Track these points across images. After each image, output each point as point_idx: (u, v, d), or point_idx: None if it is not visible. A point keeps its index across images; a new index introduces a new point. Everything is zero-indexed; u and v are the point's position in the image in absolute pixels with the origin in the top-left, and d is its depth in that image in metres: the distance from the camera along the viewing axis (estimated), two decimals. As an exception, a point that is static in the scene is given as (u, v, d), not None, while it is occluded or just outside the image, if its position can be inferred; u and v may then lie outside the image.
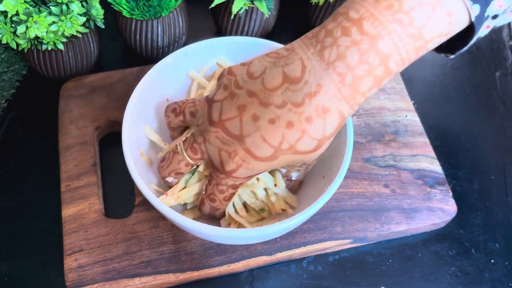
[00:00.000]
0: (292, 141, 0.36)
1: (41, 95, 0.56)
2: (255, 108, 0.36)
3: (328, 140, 0.37)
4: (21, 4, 0.46)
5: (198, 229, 0.38)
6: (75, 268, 0.43)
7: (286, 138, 0.35)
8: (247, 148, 0.36)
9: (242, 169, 0.38)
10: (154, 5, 0.52)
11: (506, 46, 0.65)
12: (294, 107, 0.35)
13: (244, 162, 0.37)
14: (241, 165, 0.37)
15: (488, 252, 0.48)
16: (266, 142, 0.36)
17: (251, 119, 0.36)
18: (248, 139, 0.36)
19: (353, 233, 0.46)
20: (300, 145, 0.36)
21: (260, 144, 0.36)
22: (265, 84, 0.36)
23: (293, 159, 0.37)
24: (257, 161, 0.37)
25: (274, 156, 0.36)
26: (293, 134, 0.35)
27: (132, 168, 0.40)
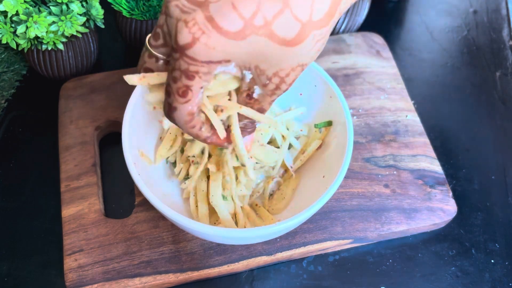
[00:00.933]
0: (269, 16, 0.29)
1: (41, 95, 0.56)
2: None
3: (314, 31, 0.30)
4: (21, 4, 0.46)
5: (197, 229, 0.38)
6: (75, 268, 0.43)
7: (262, 9, 0.29)
8: (210, 16, 0.29)
9: (199, 44, 0.29)
10: (154, 5, 0.52)
11: (506, 46, 0.65)
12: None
13: (204, 35, 0.29)
14: (199, 38, 0.29)
15: (488, 252, 0.48)
16: (236, 11, 0.28)
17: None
18: (214, 4, 0.29)
19: (353, 233, 0.46)
20: (278, 24, 0.29)
21: (228, 11, 0.29)
22: None
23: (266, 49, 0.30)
24: (220, 35, 0.29)
25: (242, 32, 0.29)
26: (271, 5, 0.29)
27: (132, 168, 0.40)
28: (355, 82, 0.56)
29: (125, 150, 0.41)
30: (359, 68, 0.57)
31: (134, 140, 0.43)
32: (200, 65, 0.30)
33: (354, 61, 0.58)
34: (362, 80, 0.56)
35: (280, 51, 0.30)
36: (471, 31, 0.66)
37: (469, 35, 0.66)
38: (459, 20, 0.67)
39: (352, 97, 0.55)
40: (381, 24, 0.65)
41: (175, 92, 0.32)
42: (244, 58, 0.31)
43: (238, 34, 0.29)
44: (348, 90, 0.55)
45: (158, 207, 0.39)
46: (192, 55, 0.30)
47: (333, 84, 0.46)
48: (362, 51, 0.59)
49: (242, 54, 0.30)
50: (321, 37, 0.31)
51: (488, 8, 0.69)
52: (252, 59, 0.31)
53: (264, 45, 0.30)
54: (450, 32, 0.66)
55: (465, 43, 0.65)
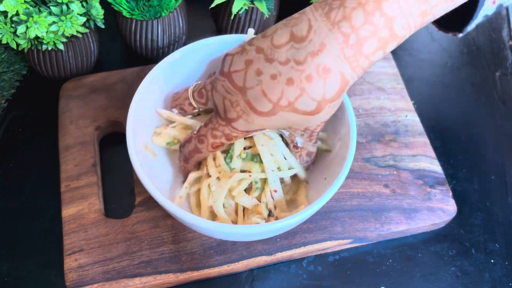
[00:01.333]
0: (291, 99, 0.36)
1: (41, 95, 0.56)
2: (260, 63, 0.37)
3: (330, 104, 0.37)
4: (21, 4, 0.46)
5: (197, 223, 0.38)
6: (75, 268, 0.43)
7: (285, 94, 0.36)
8: (247, 100, 0.38)
9: (241, 120, 0.39)
10: (154, 5, 0.52)
11: (506, 46, 0.65)
12: (296, 64, 0.35)
13: (244, 114, 0.38)
14: (241, 116, 0.38)
15: (488, 252, 0.48)
16: (266, 97, 0.37)
17: (255, 73, 0.37)
18: (250, 91, 0.37)
19: (353, 233, 0.46)
20: (298, 103, 0.36)
21: (260, 97, 0.37)
22: (273, 41, 0.37)
23: (294, 118, 0.38)
24: (256, 115, 0.38)
25: (272, 111, 0.37)
26: (292, 91, 0.36)
27: (134, 158, 0.40)
28: (355, 82, 0.56)
29: (129, 139, 0.41)
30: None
31: (138, 131, 0.43)
32: (239, 133, 0.40)
33: (354, 61, 0.58)
34: (362, 80, 0.56)
35: (304, 118, 0.38)
36: (471, 31, 0.66)
37: (469, 35, 0.66)
38: (459, 20, 0.67)
39: (352, 97, 0.55)
40: (381, 24, 0.65)
41: (210, 144, 0.42)
42: (277, 126, 0.40)
43: (269, 113, 0.37)
44: (348, 90, 0.55)
45: (156, 198, 0.39)
46: (236, 126, 0.39)
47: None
48: (362, 51, 0.59)
49: (273, 125, 0.39)
50: (335, 104, 0.38)
51: (488, 8, 0.69)
52: (283, 125, 0.40)
53: (291, 116, 0.38)
54: (450, 32, 0.66)
55: (465, 43, 0.65)
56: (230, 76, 0.39)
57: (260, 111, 0.37)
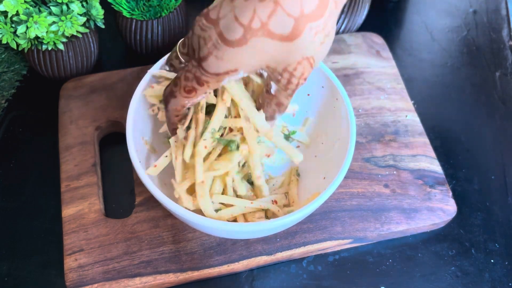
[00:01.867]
0: (264, 17, 0.32)
1: (41, 95, 0.56)
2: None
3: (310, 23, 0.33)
4: (21, 4, 0.46)
5: (198, 221, 0.38)
6: (75, 268, 0.43)
7: (257, 13, 0.32)
8: (220, 32, 0.34)
9: (211, 57, 0.35)
10: (154, 5, 0.52)
11: (506, 46, 0.65)
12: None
13: (215, 49, 0.34)
14: (212, 52, 0.35)
15: (488, 252, 0.48)
16: (237, 21, 0.33)
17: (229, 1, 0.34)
18: (222, 21, 0.34)
19: (353, 233, 0.46)
20: (273, 23, 0.32)
21: (231, 23, 0.33)
22: None
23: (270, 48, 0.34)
24: (228, 47, 0.34)
25: (244, 37, 0.33)
26: (265, 8, 0.32)
27: (134, 158, 0.40)
28: (355, 82, 0.56)
29: (128, 135, 0.42)
30: (359, 68, 0.57)
31: (138, 127, 0.44)
32: (210, 77, 0.36)
33: (354, 61, 0.58)
34: (362, 80, 0.56)
35: (282, 47, 0.33)
36: (471, 31, 0.66)
37: (469, 35, 0.66)
38: (459, 20, 0.67)
39: (352, 97, 0.55)
40: (381, 24, 0.65)
41: (182, 87, 0.38)
42: (252, 63, 0.35)
43: (240, 41, 0.33)
44: (348, 90, 0.55)
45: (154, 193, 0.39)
46: (205, 67, 0.35)
47: (340, 87, 0.46)
48: (362, 51, 0.59)
49: (248, 59, 0.34)
50: (319, 29, 0.33)
51: (488, 8, 0.69)
52: (259, 62, 0.35)
53: (266, 44, 0.33)
54: (450, 32, 0.66)
55: (465, 43, 0.65)
56: (207, 14, 0.35)
57: (230, 40, 0.33)
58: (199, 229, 0.43)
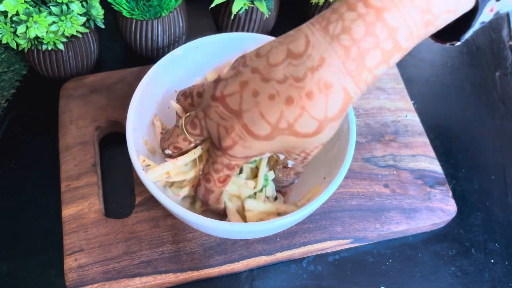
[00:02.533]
0: (291, 119, 0.34)
1: (41, 95, 0.56)
2: (257, 83, 0.35)
3: (331, 123, 0.35)
4: (21, 4, 0.46)
5: (198, 221, 0.38)
6: (75, 268, 0.43)
7: (284, 115, 0.34)
8: (244, 124, 0.35)
9: (238, 146, 0.36)
10: (154, 5, 0.52)
11: (506, 46, 0.65)
12: (295, 81, 0.33)
13: (241, 139, 0.36)
14: (237, 142, 0.36)
15: (488, 252, 0.48)
16: (264, 119, 0.35)
17: (251, 95, 0.35)
18: (246, 114, 0.35)
19: (353, 233, 0.46)
20: (299, 125, 0.34)
21: (258, 120, 0.35)
22: (269, 60, 0.35)
23: (292, 142, 0.36)
24: (254, 139, 0.36)
25: (271, 135, 0.35)
26: (292, 111, 0.34)
27: (134, 158, 0.41)
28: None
29: (128, 135, 0.42)
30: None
31: (138, 127, 0.44)
32: (239, 160, 0.38)
33: (354, 61, 0.58)
34: (362, 80, 0.56)
35: (304, 141, 0.36)
36: (471, 31, 0.66)
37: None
38: (459, 20, 0.67)
39: (352, 97, 0.55)
40: (381, 24, 0.65)
41: (216, 180, 0.39)
42: (275, 149, 0.37)
43: (268, 137, 0.35)
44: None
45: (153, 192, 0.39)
46: (233, 154, 0.37)
47: None
48: (362, 51, 0.59)
49: (271, 148, 0.37)
50: (336, 125, 0.36)
51: (488, 8, 0.69)
52: (281, 149, 0.37)
53: (290, 140, 0.36)
54: (450, 32, 0.66)
55: (465, 43, 0.65)
56: (223, 100, 0.36)
57: (257, 134, 0.35)
58: (199, 229, 0.43)
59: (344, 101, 0.34)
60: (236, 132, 0.36)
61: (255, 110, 0.35)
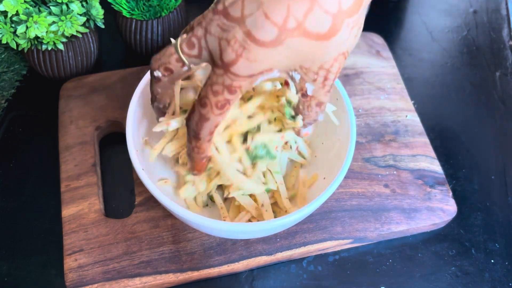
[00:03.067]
0: (300, 16, 0.30)
1: (41, 95, 0.56)
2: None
3: (347, 20, 0.31)
4: (21, 4, 0.46)
5: (198, 221, 0.38)
6: (75, 268, 0.43)
7: (292, 11, 0.30)
8: (247, 31, 0.31)
9: (242, 59, 0.32)
10: (154, 5, 0.52)
11: (506, 46, 0.65)
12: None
13: (245, 50, 0.31)
14: (241, 54, 0.32)
15: (488, 252, 0.48)
16: (269, 20, 0.30)
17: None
18: (249, 19, 0.31)
19: (353, 233, 0.46)
20: (310, 22, 0.30)
21: (262, 22, 0.31)
22: None
23: (306, 48, 0.32)
24: (259, 47, 0.31)
25: (278, 38, 0.31)
26: (300, 5, 0.30)
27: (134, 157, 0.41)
28: (355, 82, 0.56)
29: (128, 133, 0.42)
30: (359, 68, 0.57)
31: (138, 127, 0.44)
32: (242, 80, 0.33)
33: (354, 61, 0.58)
34: (362, 80, 0.57)
35: (318, 46, 0.31)
36: (471, 31, 0.66)
37: (469, 35, 0.66)
38: (459, 20, 0.67)
39: (352, 97, 0.55)
40: (381, 24, 0.65)
41: (214, 105, 0.34)
42: (286, 63, 0.32)
43: (275, 42, 0.31)
44: (348, 90, 0.55)
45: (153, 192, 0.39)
46: (236, 71, 0.32)
47: (340, 87, 0.46)
48: (362, 51, 0.59)
49: (283, 60, 0.32)
50: (354, 24, 0.32)
51: (488, 8, 0.69)
52: (294, 61, 0.32)
53: (302, 45, 0.31)
54: (450, 32, 0.66)
55: (465, 43, 0.65)
56: (226, 11, 0.32)
57: (263, 40, 0.31)
58: (199, 229, 0.43)
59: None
60: (238, 42, 0.31)
61: (259, 11, 0.31)
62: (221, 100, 0.34)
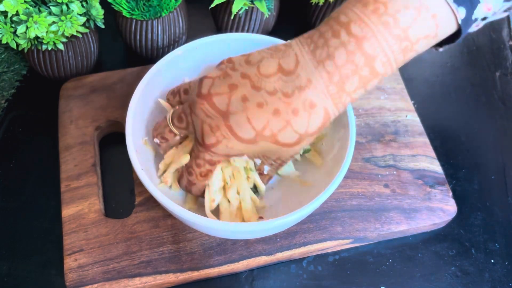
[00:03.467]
0: (275, 130, 0.37)
1: (41, 95, 0.56)
2: (247, 89, 0.37)
3: (309, 138, 0.38)
4: (21, 4, 0.46)
5: (198, 221, 0.38)
6: (75, 268, 0.43)
7: (270, 124, 0.37)
8: (230, 126, 0.37)
9: (221, 145, 0.38)
10: (154, 5, 0.52)
11: (506, 46, 0.65)
12: (284, 96, 0.36)
13: (225, 139, 0.38)
14: (221, 141, 0.38)
15: (488, 252, 0.48)
16: (250, 124, 0.37)
17: (240, 99, 0.37)
18: (233, 117, 0.37)
19: (353, 233, 0.46)
20: (281, 135, 0.37)
21: (244, 124, 0.37)
22: (260, 70, 0.37)
23: (272, 149, 0.39)
24: (237, 141, 0.38)
25: (254, 139, 0.37)
26: (277, 123, 0.36)
27: (134, 157, 0.41)
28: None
29: (128, 142, 0.42)
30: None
31: (138, 127, 0.44)
32: (220, 156, 0.40)
33: (354, 61, 0.58)
34: (362, 80, 0.56)
35: (283, 150, 0.39)
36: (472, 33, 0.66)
37: (469, 35, 0.66)
38: (459, 20, 0.67)
39: (352, 97, 0.55)
40: (381, 24, 0.65)
41: (198, 174, 0.41)
42: (254, 153, 0.40)
43: (251, 140, 0.38)
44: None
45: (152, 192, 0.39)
46: (215, 151, 0.39)
47: None
48: (362, 51, 0.59)
49: (252, 151, 0.40)
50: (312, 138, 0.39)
51: (488, 8, 0.69)
52: (260, 153, 0.40)
53: (270, 147, 0.38)
54: (450, 32, 0.66)
55: (465, 43, 0.65)
56: (210, 99, 0.38)
57: (242, 137, 0.37)
58: (199, 229, 0.43)
59: (324, 120, 0.37)
60: (221, 131, 0.38)
61: (243, 114, 0.37)
62: (203, 171, 0.41)
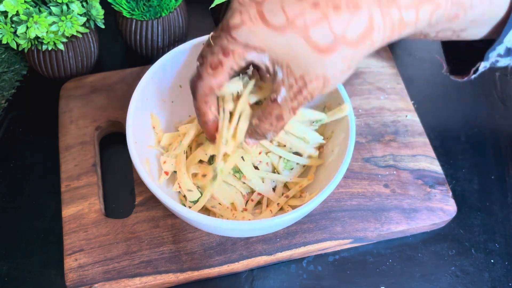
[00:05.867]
0: (309, 21, 0.33)
1: (41, 95, 0.56)
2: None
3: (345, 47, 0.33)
4: (21, 4, 0.46)
5: (199, 220, 0.38)
6: (75, 268, 0.43)
7: (305, 14, 0.33)
8: (260, 11, 0.34)
9: (244, 27, 0.34)
10: (154, 5, 0.52)
11: (506, 46, 0.65)
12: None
13: (250, 22, 0.34)
14: (246, 23, 0.34)
15: (488, 252, 0.48)
16: (283, 10, 0.33)
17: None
18: (267, 4, 0.34)
19: (353, 233, 0.46)
20: (315, 30, 0.33)
21: (276, 9, 0.33)
22: None
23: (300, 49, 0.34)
24: (263, 26, 0.34)
25: (283, 27, 0.33)
26: (313, 13, 0.33)
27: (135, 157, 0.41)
28: (355, 82, 0.56)
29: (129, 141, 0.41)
30: (359, 68, 0.57)
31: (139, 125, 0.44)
32: (237, 45, 0.35)
33: (354, 61, 0.58)
34: (362, 80, 0.57)
35: (310, 55, 0.34)
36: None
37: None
38: (459, 20, 0.67)
39: (352, 97, 0.55)
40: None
41: (208, 64, 0.36)
42: (279, 53, 0.34)
43: (279, 28, 0.33)
44: (348, 90, 0.55)
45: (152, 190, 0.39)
46: (235, 35, 0.34)
47: (341, 87, 0.46)
48: (362, 51, 0.59)
49: (277, 47, 0.34)
50: (347, 58, 0.34)
51: (488, 8, 0.69)
52: (285, 56, 0.34)
53: (298, 45, 0.33)
54: (450, 32, 0.66)
55: (465, 43, 0.65)
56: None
57: (270, 22, 0.33)
58: (200, 227, 0.43)
59: (366, 29, 0.33)
60: (249, 15, 0.34)
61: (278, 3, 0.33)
62: (215, 61, 0.36)
